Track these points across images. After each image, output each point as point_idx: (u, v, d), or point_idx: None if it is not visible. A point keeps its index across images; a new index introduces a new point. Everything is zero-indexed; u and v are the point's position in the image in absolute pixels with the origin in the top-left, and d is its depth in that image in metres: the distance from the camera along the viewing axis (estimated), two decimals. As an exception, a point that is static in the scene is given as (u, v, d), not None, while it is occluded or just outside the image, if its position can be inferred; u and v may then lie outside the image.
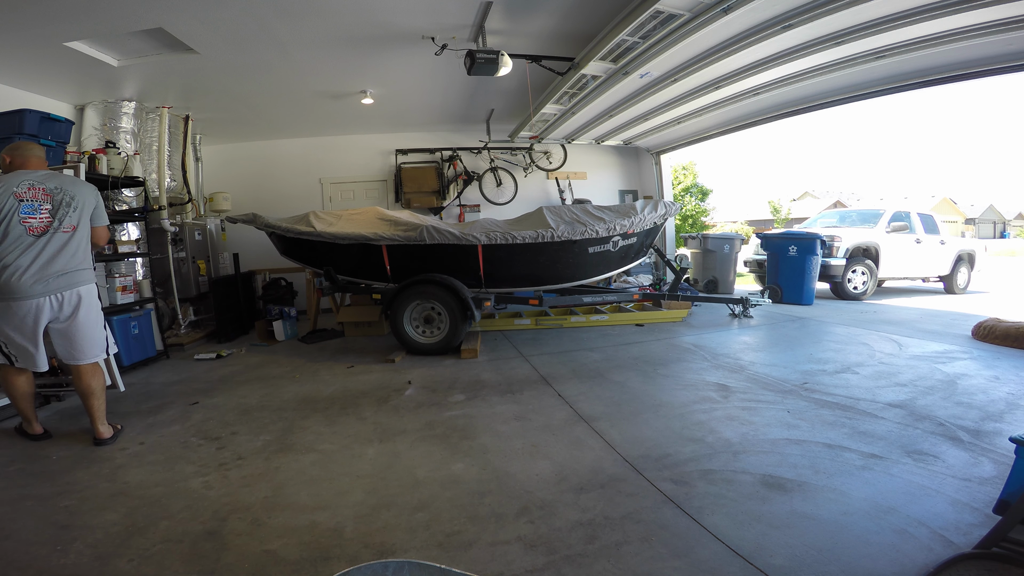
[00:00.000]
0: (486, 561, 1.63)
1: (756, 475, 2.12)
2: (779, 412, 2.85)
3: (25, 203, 2.57)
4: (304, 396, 3.55)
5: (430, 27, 4.22)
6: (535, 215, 5.10)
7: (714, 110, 6.45)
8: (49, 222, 2.63)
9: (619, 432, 2.65)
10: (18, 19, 3.56)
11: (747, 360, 4.04)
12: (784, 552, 1.61)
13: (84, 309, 2.75)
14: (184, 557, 1.71)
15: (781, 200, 26.88)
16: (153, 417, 3.20)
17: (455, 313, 4.50)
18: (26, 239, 2.56)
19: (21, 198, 2.56)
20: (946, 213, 32.98)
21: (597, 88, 5.27)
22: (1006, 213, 42.27)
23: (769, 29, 3.89)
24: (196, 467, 2.43)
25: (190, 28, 3.99)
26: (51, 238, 2.63)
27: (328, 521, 1.90)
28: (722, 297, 6.48)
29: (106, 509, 2.05)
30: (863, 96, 5.69)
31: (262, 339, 5.71)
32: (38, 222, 2.60)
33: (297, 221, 5.00)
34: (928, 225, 8.32)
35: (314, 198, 8.16)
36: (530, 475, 2.21)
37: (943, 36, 4.01)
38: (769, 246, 7.36)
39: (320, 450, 2.59)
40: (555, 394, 3.34)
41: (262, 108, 6.37)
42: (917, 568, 1.51)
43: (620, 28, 3.91)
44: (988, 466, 2.13)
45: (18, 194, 2.55)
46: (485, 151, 8.29)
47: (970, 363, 3.75)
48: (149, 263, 5.38)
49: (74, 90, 5.07)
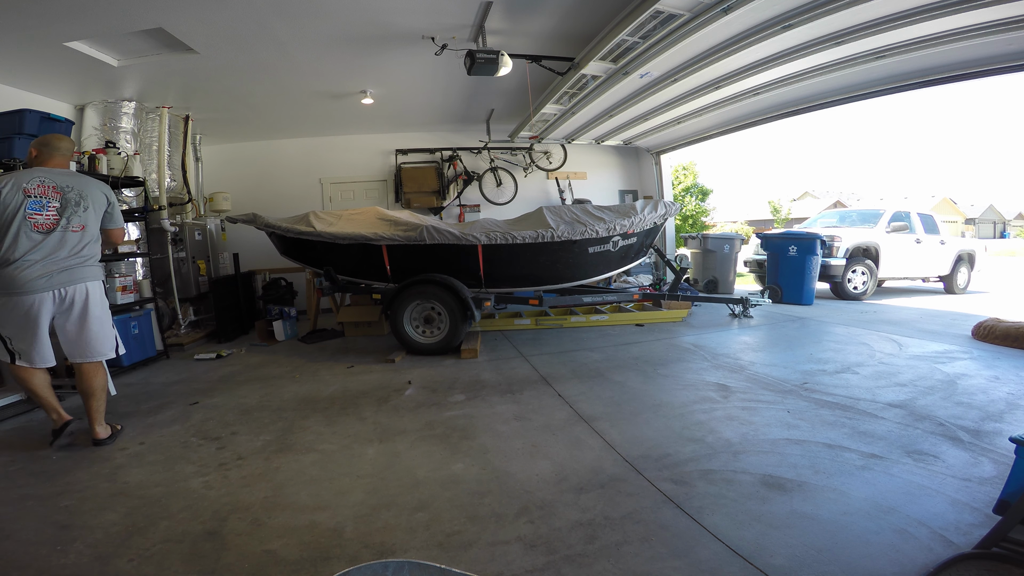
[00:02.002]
0: (486, 561, 1.63)
1: (756, 475, 2.12)
2: (779, 412, 2.85)
3: (32, 199, 2.58)
4: (304, 396, 3.55)
5: (430, 27, 4.22)
6: (535, 215, 5.10)
7: (714, 110, 6.45)
8: (56, 220, 2.64)
9: (619, 432, 2.65)
10: (18, 19, 3.56)
11: (747, 360, 4.04)
12: (784, 552, 1.61)
13: (92, 305, 2.76)
14: (184, 557, 1.71)
15: (781, 200, 26.92)
16: (153, 417, 3.20)
17: (455, 313, 4.50)
18: (32, 235, 2.57)
19: (29, 194, 2.57)
20: (946, 213, 32.98)
21: (597, 88, 5.27)
22: (1006, 213, 42.27)
23: (769, 29, 3.89)
24: (196, 467, 2.43)
25: (190, 28, 3.99)
26: (59, 235, 2.63)
27: (328, 521, 1.90)
28: (722, 297, 6.48)
29: (106, 509, 2.05)
30: (863, 96, 5.69)
31: (262, 339, 5.71)
32: (44, 219, 2.61)
33: (297, 221, 5.00)
34: (928, 225, 8.32)
35: (314, 198, 8.16)
36: (530, 475, 2.21)
37: (943, 36, 4.01)
38: (769, 246, 7.36)
39: (320, 450, 2.59)
40: (555, 394, 3.34)
41: (262, 108, 6.37)
42: (917, 568, 1.51)
43: (620, 28, 3.91)
44: (988, 466, 2.13)
45: (27, 190, 2.57)
46: (485, 151, 8.29)
47: (970, 363, 3.75)
48: (149, 263, 5.38)
49: (74, 90, 5.07)
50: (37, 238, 2.58)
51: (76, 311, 2.71)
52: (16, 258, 2.53)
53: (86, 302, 2.73)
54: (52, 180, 2.67)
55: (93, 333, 2.77)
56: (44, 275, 2.59)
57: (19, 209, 2.54)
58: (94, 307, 2.77)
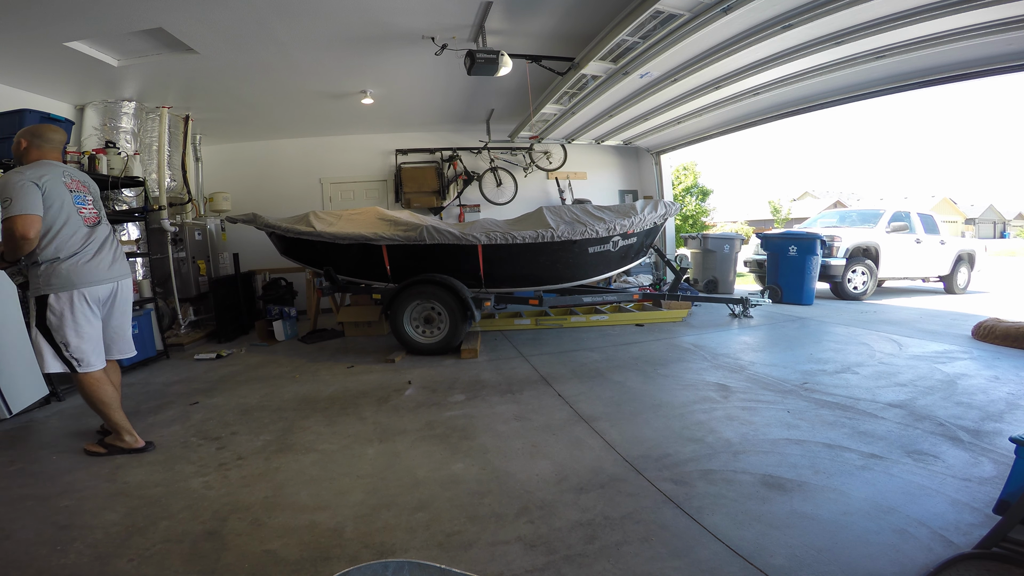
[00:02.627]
0: (486, 561, 1.63)
1: (756, 475, 2.12)
2: (779, 412, 2.85)
3: (75, 194, 2.53)
4: (304, 396, 3.55)
5: (430, 27, 4.22)
6: (535, 215, 5.10)
7: (714, 110, 6.45)
8: (96, 214, 2.63)
9: (619, 432, 2.65)
10: (18, 19, 3.56)
11: (747, 360, 4.04)
12: (784, 552, 1.61)
13: (129, 300, 2.78)
14: (184, 557, 1.71)
15: (781, 200, 26.93)
16: (153, 417, 3.20)
17: (455, 313, 4.50)
18: (84, 229, 2.53)
19: (71, 188, 2.52)
20: (946, 213, 32.98)
21: (597, 88, 5.27)
22: (1006, 213, 42.27)
23: (769, 29, 3.89)
24: (196, 467, 2.43)
25: (190, 28, 3.99)
26: (103, 229, 2.63)
27: (328, 521, 1.90)
28: (722, 297, 6.48)
29: (106, 509, 2.05)
30: (863, 96, 5.69)
31: (262, 339, 5.71)
32: (89, 212, 2.58)
33: (297, 221, 5.00)
34: (928, 225, 8.32)
35: (314, 198, 8.16)
36: (530, 475, 2.21)
37: (943, 36, 4.01)
38: (769, 246, 7.36)
39: (320, 450, 2.59)
40: (555, 394, 3.34)
41: (262, 108, 6.37)
42: (917, 568, 1.51)
43: (620, 28, 3.91)
44: (988, 466, 2.13)
45: (68, 185, 2.51)
46: (485, 151, 8.29)
47: (970, 363, 3.75)
48: (149, 263, 5.39)
49: (74, 90, 5.07)
50: (89, 231, 2.55)
51: (119, 305, 2.71)
52: (78, 250, 2.47)
53: (127, 296, 2.75)
54: (75, 175, 2.62)
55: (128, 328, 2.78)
56: (114, 263, 2.61)
57: (70, 203, 2.47)
58: (130, 302, 2.78)
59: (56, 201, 2.41)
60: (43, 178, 2.38)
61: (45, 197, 2.37)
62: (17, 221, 2.27)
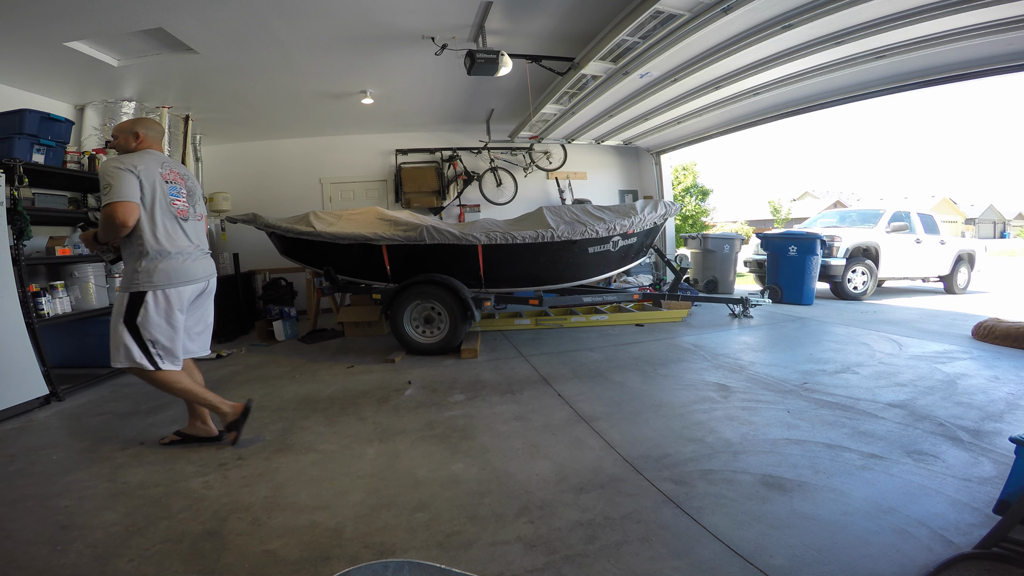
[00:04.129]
0: (486, 561, 1.63)
1: (756, 475, 2.12)
2: (779, 412, 2.85)
3: (170, 185, 2.50)
4: (304, 396, 3.55)
5: (430, 27, 4.22)
6: (535, 215, 5.10)
7: (714, 110, 6.45)
8: (187, 207, 2.58)
9: (619, 432, 2.65)
10: (18, 19, 3.56)
11: (747, 360, 4.04)
12: (784, 552, 1.61)
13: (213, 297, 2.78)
14: (184, 557, 1.71)
15: (781, 200, 26.91)
16: (153, 417, 3.20)
17: (455, 313, 4.50)
18: (178, 222, 2.51)
19: (167, 179, 2.48)
20: (946, 213, 32.99)
21: (597, 88, 5.28)
22: (1006, 213, 42.28)
23: (769, 29, 3.89)
24: (196, 467, 2.43)
25: (190, 28, 3.99)
26: (193, 224, 2.61)
27: (328, 521, 1.90)
28: (722, 297, 6.48)
29: (106, 509, 2.05)
30: (863, 96, 5.69)
31: (262, 339, 5.71)
32: (183, 205, 2.55)
33: (297, 221, 5.00)
34: (928, 225, 8.32)
35: (314, 198, 8.16)
36: (530, 475, 2.21)
37: (943, 36, 4.01)
38: (769, 246, 7.36)
39: (320, 450, 2.59)
40: (555, 394, 3.34)
41: (262, 108, 6.37)
42: (917, 568, 1.51)
43: (620, 28, 3.91)
44: (988, 466, 2.13)
45: (163, 175, 2.47)
46: (485, 151, 8.29)
47: (970, 363, 3.75)
48: (149, 263, 5.37)
49: (74, 90, 5.07)
50: (181, 224, 2.52)
51: (205, 303, 2.71)
52: (177, 245, 2.47)
53: (213, 293, 2.74)
54: (174, 166, 2.59)
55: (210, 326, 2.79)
56: (202, 259, 2.60)
57: (164, 194, 2.44)
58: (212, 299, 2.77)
59: (148, 193, 2.39)
60: (137, 169, 2.36)
61: (141, 186, 2.37)
62: (117, 208, 2.28)
